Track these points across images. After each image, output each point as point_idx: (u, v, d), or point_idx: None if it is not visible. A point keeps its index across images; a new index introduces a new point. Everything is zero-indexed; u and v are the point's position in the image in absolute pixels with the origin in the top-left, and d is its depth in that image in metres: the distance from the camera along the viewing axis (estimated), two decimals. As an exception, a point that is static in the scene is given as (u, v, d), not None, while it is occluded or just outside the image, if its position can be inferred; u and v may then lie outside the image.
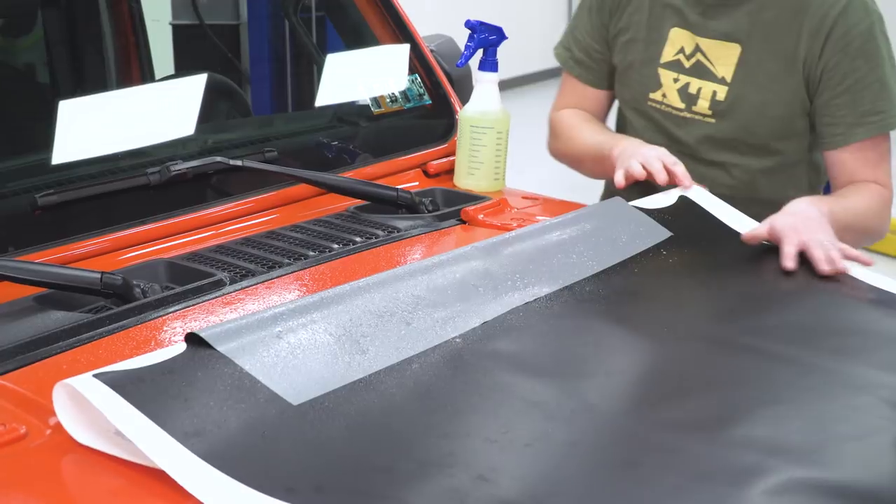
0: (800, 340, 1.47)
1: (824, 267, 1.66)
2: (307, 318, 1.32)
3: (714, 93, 2.04)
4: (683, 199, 1.86)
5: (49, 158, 1.78)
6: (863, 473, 1.17)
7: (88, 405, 1.14)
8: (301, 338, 1.29)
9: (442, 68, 2.36)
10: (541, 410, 1.25)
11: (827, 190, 2.15)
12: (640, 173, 1.86)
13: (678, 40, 2.06)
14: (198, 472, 1.07)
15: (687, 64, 2.06)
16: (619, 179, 1.88)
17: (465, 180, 2.08)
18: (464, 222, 1.89)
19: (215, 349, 1.23)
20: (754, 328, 1.50)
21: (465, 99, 2.16)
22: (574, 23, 2.23)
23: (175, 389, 1.17)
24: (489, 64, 2.07)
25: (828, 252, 1.67)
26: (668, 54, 2.08)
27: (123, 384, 1.15)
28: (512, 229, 1.80)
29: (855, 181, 2.01)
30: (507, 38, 2.12)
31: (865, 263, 1.71)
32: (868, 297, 1.64)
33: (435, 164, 2.15)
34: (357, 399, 1.22)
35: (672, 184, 1.88)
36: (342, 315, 1.35)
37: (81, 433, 1.15)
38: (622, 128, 2.20)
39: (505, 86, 2.03)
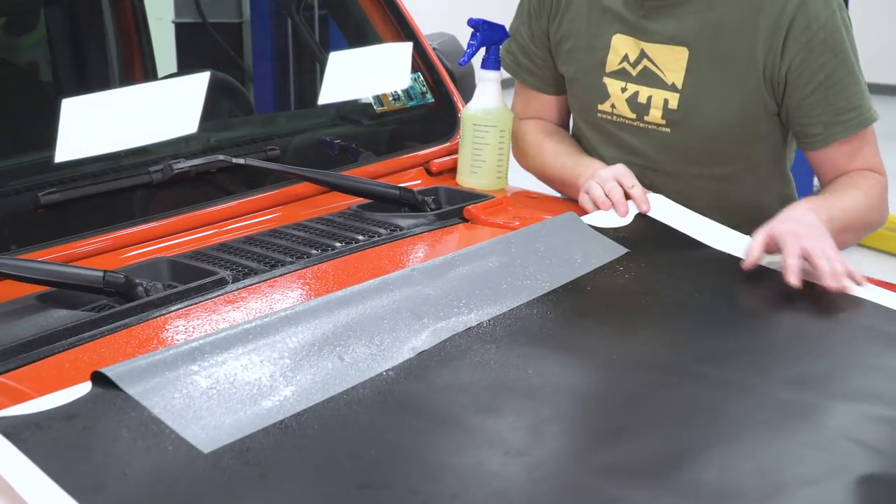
0: (760, 367, 1.37)
1: (830, 282, 1.53)
2: (229, 353, 1.22)
3: (665, 101, 1.89)
4: (640, 217, 1.80)
5: (52, 156, 1.78)
6: None
7: None
8: (219, 376, 1.19)
9: (444, 66, 2.36)
10: (472, 455, 1.14)
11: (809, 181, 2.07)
12: (604, 205, 1.81)
13: (622, 47, 1.91)
14: None
15: (633, 72, 1.91)
16: (590, 207, 1.83)
17: (467, 178, 2.07)
18: (466, 221, 1.89)
19: (122, 390, 1.14)
20: (711, 354, 1.39)
21: (467, 97, 2.16)
22: (514, 25, 2.09)
23: (75, 437, 1.07)
24: (491, 62, 2.07)
25: (833, 265, 1.55)
26: (612, 63, 1.93)
27: (18, 432, 1.05)
28: (514, 228, 1.80)
29: (847, 172, 1.90)
30: (509, 36, 2.12)
31: (857, 283, 1.57)
32: (848, 316, 1.52)
33: (437, 163, 2.15)
34: (274, 445, 1.12)
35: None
36: (266, 350, 1.24)
37: None
38: (577, 139, 2.08)
39: (508, 84, 2.02)
